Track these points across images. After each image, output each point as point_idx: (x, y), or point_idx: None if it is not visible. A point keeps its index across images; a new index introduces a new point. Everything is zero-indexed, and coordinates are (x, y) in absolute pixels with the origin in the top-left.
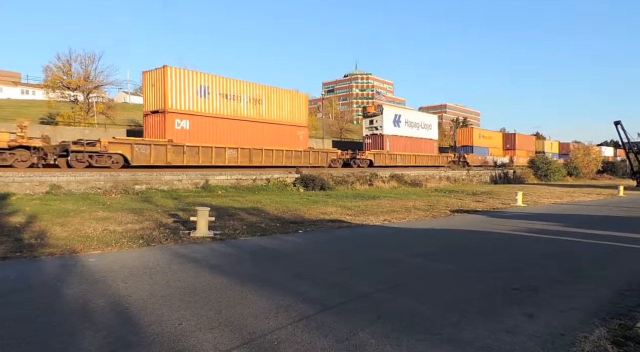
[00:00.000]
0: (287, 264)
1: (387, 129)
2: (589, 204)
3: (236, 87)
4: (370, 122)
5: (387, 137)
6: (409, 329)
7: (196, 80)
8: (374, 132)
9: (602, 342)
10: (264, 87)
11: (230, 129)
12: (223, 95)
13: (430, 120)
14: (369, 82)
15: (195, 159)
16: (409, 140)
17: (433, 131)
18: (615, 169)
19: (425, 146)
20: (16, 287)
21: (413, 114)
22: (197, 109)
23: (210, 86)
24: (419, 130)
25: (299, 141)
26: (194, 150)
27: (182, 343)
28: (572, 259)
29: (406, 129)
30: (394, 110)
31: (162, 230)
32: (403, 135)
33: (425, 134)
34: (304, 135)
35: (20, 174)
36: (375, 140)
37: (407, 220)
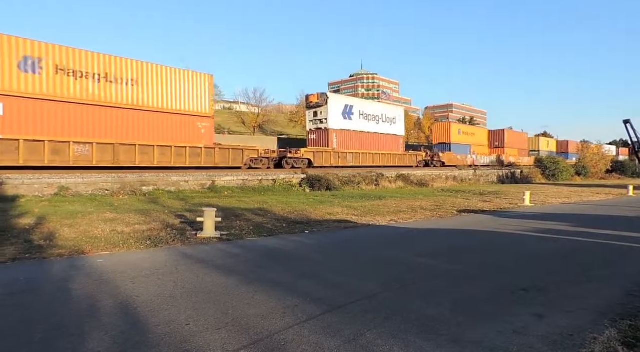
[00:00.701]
0: (293, 265)
1: (333, 122)
2: (598, 204)
3: (94, 62)
4: (314, 114)
5: (334, 132)
6: (416, 329)
7: (19, 49)
8: (318, 126)
9: (612, 344)
10: (143, 64)
11: (84, 117)
12: (67, 71)
13: (394, 112)
14: (374, 82)
15: (14, 158)
16: (365, 136)
17: (398, 126)
18: (625, 169)
19: (388, 143)
20: (26, 288)
21: (371, 105)
22: (20, 88)
23: (45, 59)
24: (378, 125)
25: (200, 135)
26: (12, 145)
27: (189, 344)
28: (581, 260)
29: (361, 123)
30: (344, 99)
31: (169, 231)
32: (356, 129)
33: (388, 129)
34: (207, 128)
35: (29, 177)
36: (320, 136)
37: (413, 220)
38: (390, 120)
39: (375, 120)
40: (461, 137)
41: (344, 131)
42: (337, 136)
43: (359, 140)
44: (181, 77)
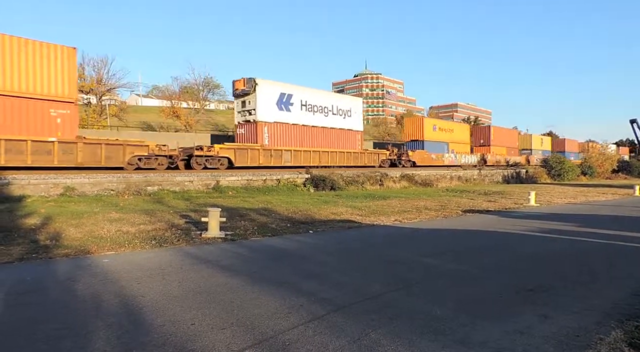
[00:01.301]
0: (298, 265)
1: (264, 113)
2: (604, 204)
3: None
4: (242, 103)
5: (265, 126)
6: (421, 329)
7: None
8: (246, 118)
9: (618, 345)
10: None
11: None
12: None
13: (349, 103)
14: (379, 81)
15: None
16: (308, 131)
17: (354, 119)
18: (631, 169)
19: (341, 140)
20: (32, 287)
21: (317, 94)
22: None
23: None
24: (328, 118)
25: (56, 126)
26: None
27: (194, 343)
28: (587, 260)
29: (304, 115)
30: (279, 86)
31: (174, 231)
32: (297, 123)
33: (341, 123)
34: (66, 116)
35: (35, 177)
36: (249, 130)
37: (418, 220)
38: (344, 113)
39: (323, 112)
40: (437, 133)
41: (279, 124)
42: (269, 130)
43: (301, 136)
44: (24, 48)
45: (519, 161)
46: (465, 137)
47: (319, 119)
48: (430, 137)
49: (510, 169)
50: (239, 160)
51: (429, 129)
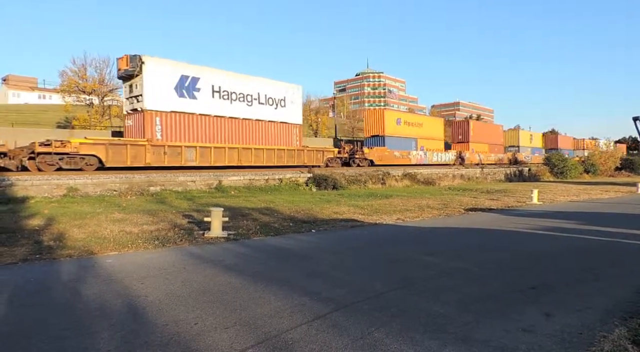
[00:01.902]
0: (300, 264)
1: (155, 100)
2: (607, 202)
3: None
4: (130, 88)
5: (157, 116)
6: (424, 328)
7: None
8: (134, 106)
9: (622, 342)
10: None
11: None
12: None
13: (283, 91)
14: (380, 80)
15: None
16: (226, 123)
17: (291, 110)
18: (634, 166)
19: (273, 134)
20: (36, 288)
21: (237, 78)
22: None
23: None
24: (253, 107)
25: None
26: None
27: (198, 343)
28: (590, 258)
29: (217, 104)
30: (178, 67)
31: (176, 231)
32: (205, 113)
33: (272, 115)
34: None
35: (38, 178)
36: (138, 122)
37: (420, 219)
38: (277, 102)
39: (246, 100)
40: (402, 128)
41: (178, 115)
42: (163, 121)
43: (212, 130)
44: None
45: (522, 160)
46: (438, 132)
47: (240, 109)
48: (393, 132)
49: (513, 167)
50: (114, 158)
51: (391, 123)
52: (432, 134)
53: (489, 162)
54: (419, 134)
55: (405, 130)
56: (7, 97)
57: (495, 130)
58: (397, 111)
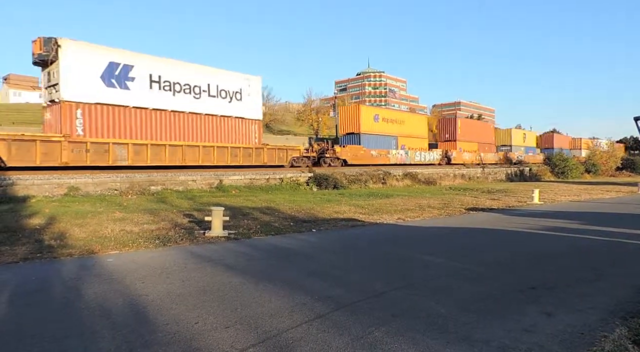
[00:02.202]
0: (301, 263)
1: (76, 89)
2: (608, 202)
3: None
4: (47, 76)
5: (78, 108)
6: (424, 327)
7: None
8: (52, 96)
9: (622, 342)
10: None
11: None
12: None
13: (238, 83)
14: (381, 80)
15: None
16: (168, 117)
17: (247, 104)
18: (635, 166)
19: (226, 131)
20: (37, 287)
21: (181, 67)
22: None
23: None
24: (201, 100)
25: None
26: None
27: (198, 342)
28: (591, 258)
29: (155, 95)
30: (104, 53)
31: (177, 230)
32: (142, 106)
33: (226, 109)
34: None
35: (40, 177)
36: (56, 114)
37: (421, 218)
38: (231, 95)
39: (193, 92)
40: (380, 125)
41: (105, 107)
42: (85, 115)
43: (150, 125)
44: None
45: (522, 159)
46: (421, 130)
47: (186, 102)
48: (370, 130)
49: (514, 167)
50: (19, 157)
51: (368, 120)
52: (414, 132)
53: (477, 161)
54: (400, 132)
55: (384, 127)
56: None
57: (485, 128)
58: (375, 107)
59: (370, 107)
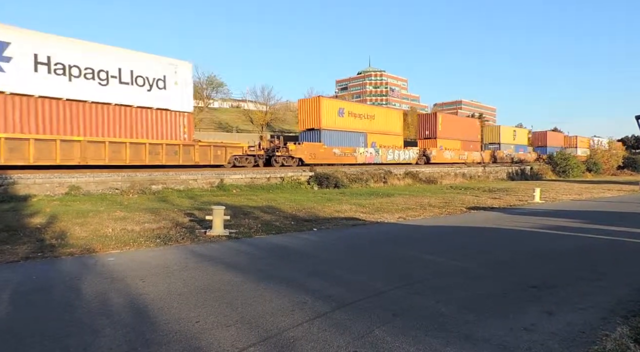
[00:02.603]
0: (302, 262)
1: None
2: (609, 201)
3: None
4: None
5: None
6: (425, 326)
7: None
8: None
9: (624, 340)
10: None
11: None
12: None
13: (162, 69)
14: (382, 79)
15: None
16: (65, 107)
17: (174, 95)
18: (637, 165)
19: (146, 125)
20: (38, 286)
21: (84, 49)
22: None
23: None
24: (109, 88)
25: None
26: None
27: (199, 341)
28: (592, 256)
29: (42, 80)
30: None
31: (178, 229)
32: (22, 93)
33: (146, 99)
34: None
35: (41, 176)
36: None
37: (422, 217)
38: (151, 83)
39: (98, 78)
40: (346, 120)
41: None
42: None
43: (35, 116)
44: None
45: (523, 158)
46: (395, 126)
47: (88, 90)
48: (333, 125)
49: (515, 166)
50: None
51: (331, 114)
52: (387, 128)
53: (460, 161)
54: (370, 128)
55: (350, 123)
56: None
57: (470, 125)
58: (339, 100)
59: (333, 99)
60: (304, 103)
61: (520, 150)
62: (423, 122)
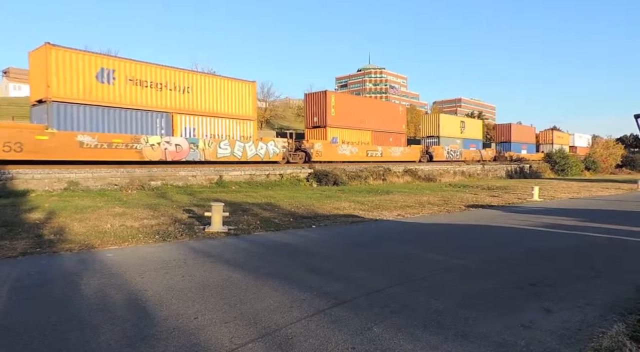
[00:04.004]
0: (300, 259)
1: None
2: (608, 199)
3: None
4: None
5: None
6: (423, 323)
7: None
8: None
9: (620, 338)
10: None
11: None
12: None
13: None
14: (382, 76)
15: None
16: None
17: None
18: (635, 163)
19: None
20: (37, 282)
21: None
22: None
23: None
24: None
25: None
26: None
27: (198, 337)
28: (590, 254)
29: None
30: None
31: (177, 225)
32: None
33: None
34: None
35: (39, 171)
36: None
37: (421, 215)
38: None
39: None
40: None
41: None
42: None
43: None
44: None
45: (522, 156)
46: (242, 107)
47: None
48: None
49: (514, 164)
50: None
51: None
52: (227, 108)
53: (360, 159)
54: (177, 107)
55: (127, 92)
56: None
57: (390, 110)
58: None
59: None
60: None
61: (471, 145)
62: (312, 105)
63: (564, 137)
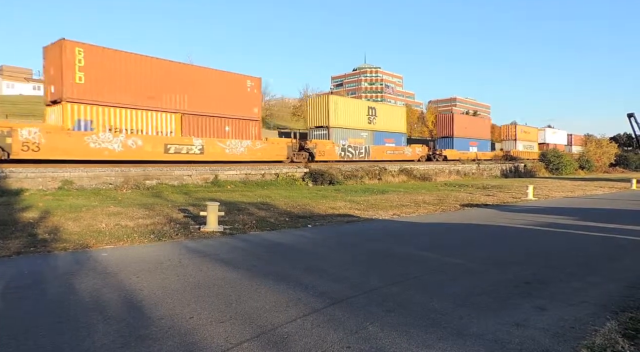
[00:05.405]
0: (296, 259)
1: None
2: (601, 198)
3: None
4: None
5: None
6: (419, 322)
7: None
8: None
9: (612, 335)
10: None
11: None
12: None
13: None
14: (377, 75)
15: None
16: None
17: None
18: (629, 162)
19: None
20: (31, 281)
21: None
22: None
23: None
24: None
25: None
26: None
27: (193, 336)
28: (583, 253)
29: None
30: None
31: (172, 225)
32: None
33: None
34: None
35: (33, 170)
36: None
37: (416, 214)
38: None
39: None
40: None
41: None
42: None
43: None
44: None
45: (518, 155)
46: None
47: None
48: None
49: (509, 163)
50: None
51: None
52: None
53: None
54: None
55: None
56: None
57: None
58: None
59: None
60: None
61: (388, 140)
62: None
63: (532, 133)
